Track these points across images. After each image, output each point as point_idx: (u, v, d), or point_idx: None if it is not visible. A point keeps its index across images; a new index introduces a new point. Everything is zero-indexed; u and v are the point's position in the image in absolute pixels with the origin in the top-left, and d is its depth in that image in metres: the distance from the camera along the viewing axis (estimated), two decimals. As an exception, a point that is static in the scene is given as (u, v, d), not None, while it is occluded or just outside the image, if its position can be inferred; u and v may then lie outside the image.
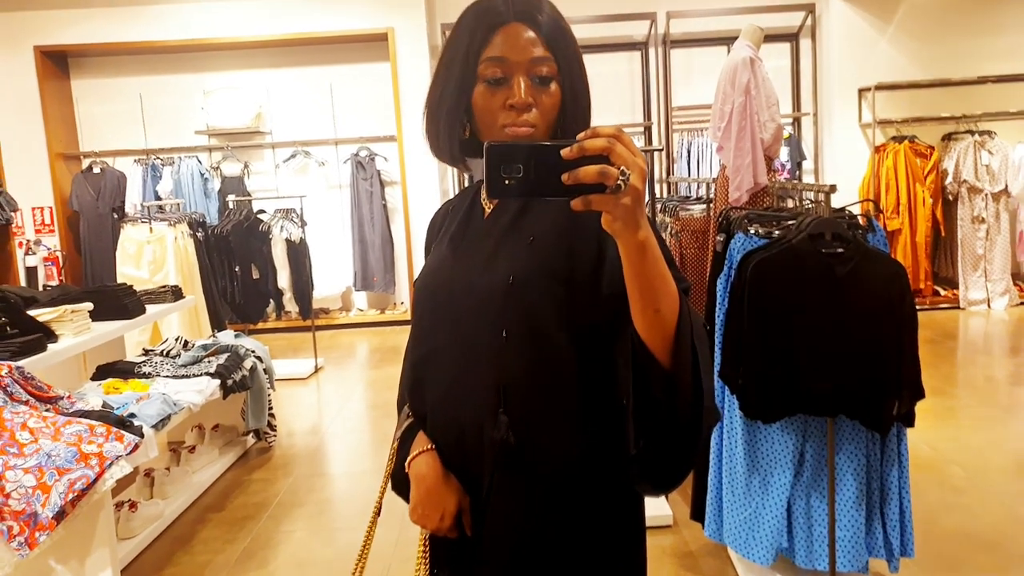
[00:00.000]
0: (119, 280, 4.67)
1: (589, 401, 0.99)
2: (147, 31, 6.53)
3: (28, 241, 6.58)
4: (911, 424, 2.11)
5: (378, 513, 1.15)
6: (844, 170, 6.59)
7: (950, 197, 6.37)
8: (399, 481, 1.11)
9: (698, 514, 2.44)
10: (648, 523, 2.87)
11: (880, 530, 2.19)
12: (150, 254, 4.91)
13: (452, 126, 1.03)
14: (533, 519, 1.00)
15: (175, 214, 5.19)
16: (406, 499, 1.10)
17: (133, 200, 6.62)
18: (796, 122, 6.97)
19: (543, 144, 0.76)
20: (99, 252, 6.58)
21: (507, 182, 0.75)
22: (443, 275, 1.08)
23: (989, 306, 6.26)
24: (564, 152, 0.73)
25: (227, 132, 6.74)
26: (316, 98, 6.84)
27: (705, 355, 0.87)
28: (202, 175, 6.73)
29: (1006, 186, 6.17)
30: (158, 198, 6.48)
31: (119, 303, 3.28)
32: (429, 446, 1.06)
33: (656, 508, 2.82)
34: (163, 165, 6.76)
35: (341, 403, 4.73)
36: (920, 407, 2.11)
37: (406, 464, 1.08)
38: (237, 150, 6.87)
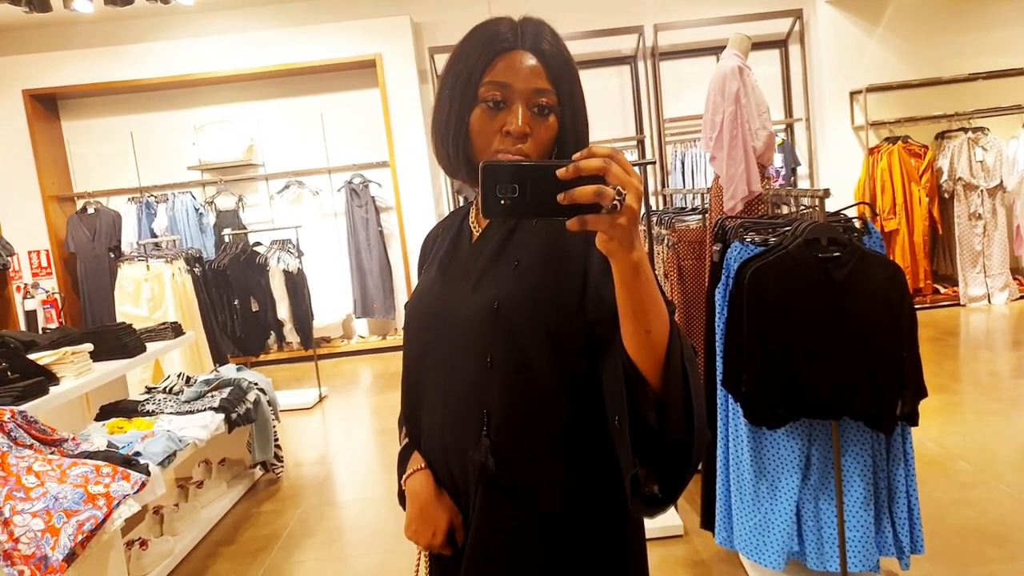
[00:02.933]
0: (119, 319, 4.68)
1: (574, 424, 1.00)
2: (134, 70, 6.58)
3: (26, 285, 6.60)
4: (915, 423, 2.10)
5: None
6: (839, 173, 6.62)
7: (946, 195, 6.39)
8: (402, 499, 1.14)
9: (708, 522, 2.43)
10: (659, 534, 2.87)
11: (889, 528, 2.19)
12: (148, 292, 4.92)
13: (458, 144, 1.03)
14: (515, 540, 1.01)
15: (171, 251, 5.21)
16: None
17: (129, 239, 6.65)
18: (789, 128, 7.01)
19: (539, 164, 0.77)
20: (97, 292, 6.60)
21: (502, 201, 0.75)
22: (431, 299, 1.10)
23: (990, 301, 6.26)
24: (560, 172, 0.73)
25: (219, 166, 6.77)
26: (307, 128, 6.89)
27: (695, 376, 0.87)
28: (197, 210, 6.76)
29: (1001, 181, 6.19)
30: (154, 235, 6.51)
31: (119, 342, 3.30)
32: (422, 465, 1.09)
33: (666, 519, 2.81)
34: (157, 202, 6.79)
35: (347, 431, 4.72)
36: (925, 404, 2.11)
37: (402, 482, 1.11)
38: (230, 183, 6.91)
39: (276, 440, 3.80)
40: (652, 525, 2.76)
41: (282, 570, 2.86)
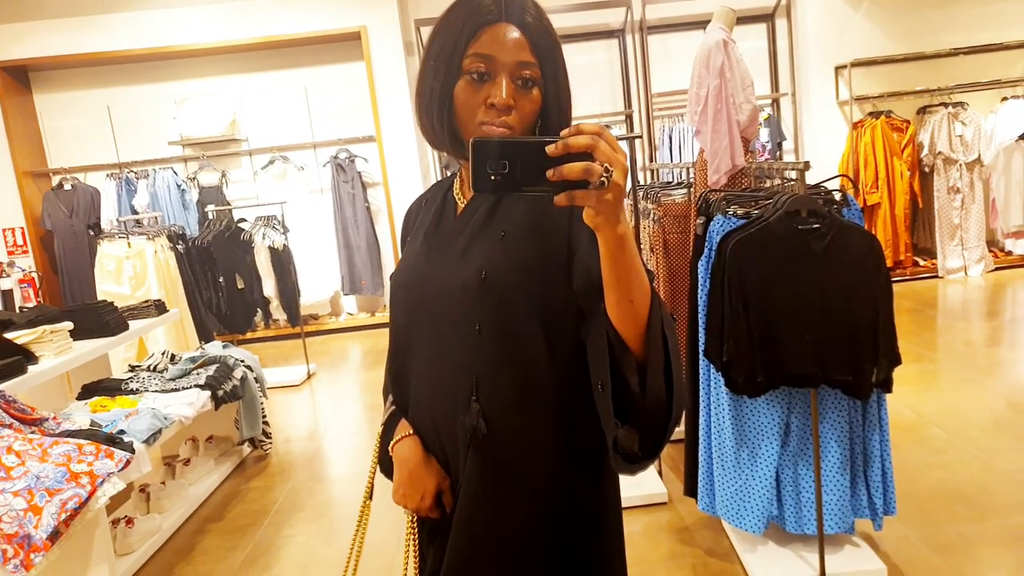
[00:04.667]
0: (100, 298, 4.65)
1: (560, 389, 1.03)
2: (110, 41, 6.45)
3: (1, 263, 6.51)
4: (889, 390, 2.15)
5: (370, 495, 1.21)
6: (823, 148, 6.65)
7: (926, 169, 6.44)
8: (385, 464, 1.17)
9: (691, 489, 2.48)
10: (644, 501, 2.93)
11: (864, 492, 2.25)
12: (130, 269, 4.89)
13: (443, 116, 1.04)
14: (504, 502, 1.04)
15: (153, 228, 5.16)
16: (392, 478, 1.16)
17: (108, 215, 6.58)
18: (775, 103, 7.02)
19: (528, 140, 0.78)
20: (76, 270, 6.54)
21: (492, 177, 0.77)
22: (417, 270, 1.12)
23: (966, 273, 6.35)
24: (549, 149, 0.76)
25: (202, 141, 6.70)
26: (291, 101, 6.82)
27: (674, 342, 0.90)
28: (179, 186, 6.69)
29: (979, 155, 6.25)
30: (134, 212, 6.45)
31: (100, 321, 3.28)
32: (411, 431, 1.12)
33: (651, 486, 2.87)
34: (137, 178, 6.71)
35: (336, 407, 4.75)
36: (902, 373, 2.16)
37: (390, 448, 1.14)
38: (213, 159, 6.84)
39: (264, 417, 3.81)
40: (637, 493, 2.82)
41: (272, 544, 2.90)
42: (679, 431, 2.85)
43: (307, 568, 2.68)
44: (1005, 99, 6.36)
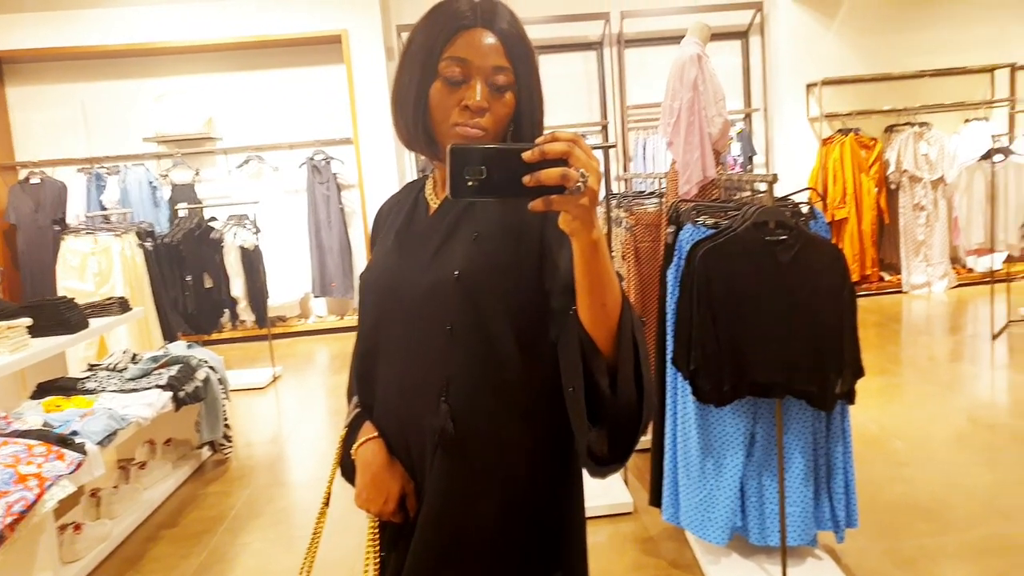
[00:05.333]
0: (61, 294, 4.53)
1: (530, 390, 1.03)
2: (87, 35, 6.34)
3: (-39, 258, 6.35)
4: (852, 402, 2.17)
5: (327, 502, 1.18)
6: (794, 163, 6.76)
7: (892, 186, 6.57)
8: (347, 468, 1.15)
9: (656, 499, 2.47)
10: (609, 511, 2.92)
11: (827, 504, 2.26)
12: (95, 266, 4.77)
13: (417, 116, 1.05)
14: (469, 504, 1.03)
15: (122, 224, 5.06)
16: (354, 485, 1.13)
17: (76, 211, 6.42)
18: (747, 117, 7.11)
19: (505, 147, 0.80)
20: (39, 266, 6.36)
21: (469, 183, 0.79)
22: (388, 270, 1.11)
23: (930, 289, 6.47)
24: (526, 155, 0.77)
25: (177, 139, 6.58)
26: (269, 102, 6.74)
27: (644, 346, 0.92)
28: (150, 183, 6.57)
29: (943, 175, 6.40)
30: (103, 208, 6.31)
31: (60, 317, 3.19)
32: (375, 434, 1.10)
33: (616, 496, 2.86)
34: (108, 174, 6.57)
35: (301, 411, 4.68)
36: (866, 386, 2.18)
37: (353, 451, 1.12)
38: (188, 157, 6.73)
39: (225, 420, 3.74)
40: (603, 503, 2.80)
41: (226, 552, 2.83)
42: (646, 440, 2.85)
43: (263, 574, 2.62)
44: (968, 121, 6.51)
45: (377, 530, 1.13)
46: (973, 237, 6.44)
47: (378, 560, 1.13)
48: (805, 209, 2.23)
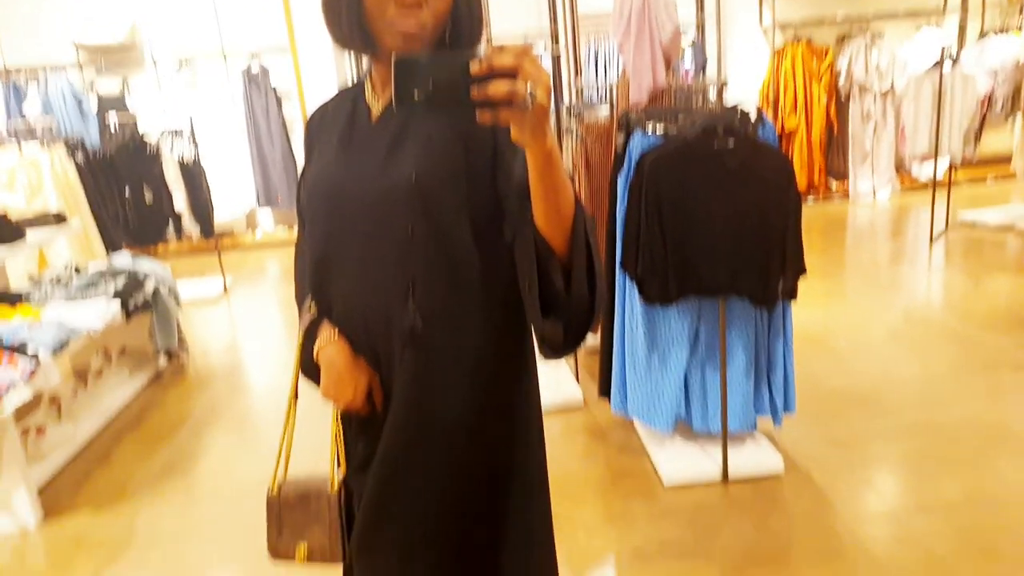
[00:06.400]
0: (-8, 208, 4.36)
1: (488, 287, 1.07)
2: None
3: None
4: (794, 297, 2.27)
5: (295, 395, 1.22)
6: (746, 72, 6.73)
7: (843, 96, 6.63)
8: (308, 369, 1.18)
9: (605, 391, 2.58)
10: (561, 407, 3.02)
11: (767, 393, 2.39)
12: (24, 179, 4.57)
13: (351, 12, 1.00)
14: (438, 393, 1.08)
15: (47, 135, 4.81)
16: (316, 382, 1.18)
17: (-6, 121, 6.09)
18: (699, 27, 6.99)
19: (451, 57, 0.78)
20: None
21: (415, 93, 0.77)
22: (336, 177, 1.09)
23: (875, 196, 6.66)
24: (473, 67, 0.76)
25: (98, 48, 6.20)
26: (198, 8, 6.35)
27: (596, 244, 0.96)
28: (74, 95, 6.22)
29: (892, 85, 6.47)
30: (23, 118, 5.98)
31: (-8, 229, 3.09)
32: (335, 334, 1.13)
33: (567, 392, 2.98)
34: (27, 82, 6.19)
35: (254, 321, 4.67)
36: (811, 288, 2.27)
37: (315, 353, 1.14)
38: (116, 66, 6.37)
39: (179, 329, 3.71)
40: (555, 399, 2.91)
41: (192, 451, 2.87)
42: (594, 341, 2.94)
43: (227, 473, 2.68)
44: (920, 27, 6.54)
45: (340, 421, 1.18)
46: (918, 145, 6.59)
47: (343, 449, 1.19)
48: (753, 117, 2.26)
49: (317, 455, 1.26)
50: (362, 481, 1.14)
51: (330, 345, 1.12)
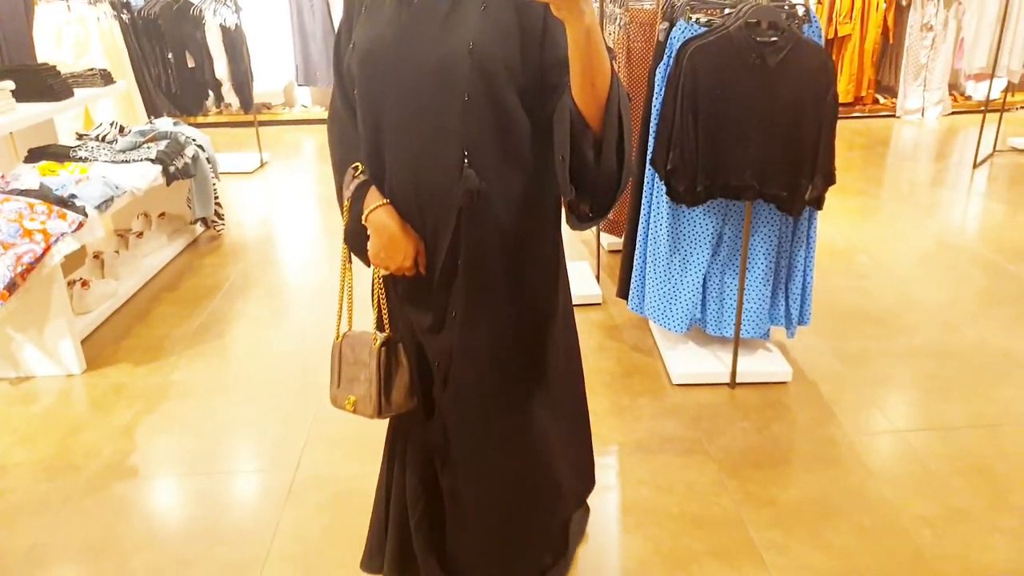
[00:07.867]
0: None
1: (535, 154, 1.15)
2: None
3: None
4: (821, 207, 2.26)
5: (349, 259, 1.29)
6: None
7: (903, 3, 6.27)
8: (353, 236, 1.24)
9: (624, 292, 2.65)
10: (580, 301, 3.08)
11: (783, 302, 2.44)
12: (71, 37, 4.59)
13: None
14: (495, 255, 1.18)
15: (94, -8, 4.78)
16: (357, 252, 1.25)
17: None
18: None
19: None
20: (15, 35, 6.02)
21: None
22: (390, 43, 1.11)
23: (923, 115, 6.42)
24: None
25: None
26: None
27: (628, 122, 1.03)
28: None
29: (959, -8, 6.10)
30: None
31: (44, 84, 3.15)
32: (385, 201, 1.18)
33: (587, 288, 3.05)
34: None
35: (289, 196, 4.75)
36: (841, 204, 2.26)
37: (363, 217, 1.19)
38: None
39: (216, 198, 3.82)
40: (576, 293, 2.98)
41: (224, 315, 3.03)
42: (617, 242, 2.97)
43: (258, 338, 2.83)
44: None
45: (383, 284, 1.26)
46: (976, 60, 6.28)
47: (387, 313, 1.27)
48: (801, 12, 2.19)
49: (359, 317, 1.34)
50: (432, 341, 1.25)
51: (381, 209, 1.17)
